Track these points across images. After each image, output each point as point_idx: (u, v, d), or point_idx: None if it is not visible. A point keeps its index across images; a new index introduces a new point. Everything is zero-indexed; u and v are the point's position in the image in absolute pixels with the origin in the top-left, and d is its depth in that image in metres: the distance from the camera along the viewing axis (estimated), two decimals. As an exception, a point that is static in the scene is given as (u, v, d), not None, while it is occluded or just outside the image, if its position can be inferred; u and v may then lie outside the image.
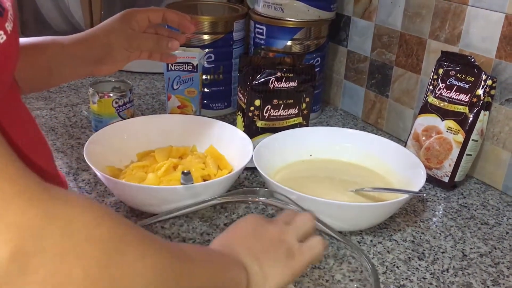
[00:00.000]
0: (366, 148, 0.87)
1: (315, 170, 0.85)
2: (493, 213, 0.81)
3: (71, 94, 1.18)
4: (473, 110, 0.83)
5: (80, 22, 1.36)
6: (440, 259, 0.69)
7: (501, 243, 0.73)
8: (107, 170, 0.77)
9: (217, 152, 0.84)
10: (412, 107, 1.00)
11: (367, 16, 1.06)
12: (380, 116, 1.09)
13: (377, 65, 1.07)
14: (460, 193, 0.86)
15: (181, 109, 1.00)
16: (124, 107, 0.94)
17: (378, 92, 1.08)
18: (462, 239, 0.74)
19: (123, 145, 0.83)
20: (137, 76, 1.31)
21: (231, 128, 0.86)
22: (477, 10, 0.85)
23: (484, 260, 0.69)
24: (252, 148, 0.79)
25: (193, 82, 0.98)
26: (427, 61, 0.95)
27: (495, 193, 0.86)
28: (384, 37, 1.03)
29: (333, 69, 1.18)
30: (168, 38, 0.75)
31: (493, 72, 0.84)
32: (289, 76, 0.84)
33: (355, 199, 0.76)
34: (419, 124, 0.89)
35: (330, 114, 1.16)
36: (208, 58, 1.05)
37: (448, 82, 0.86)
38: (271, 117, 0.86)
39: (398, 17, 0.99)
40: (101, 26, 0.74)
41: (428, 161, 0.87)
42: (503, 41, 0.81)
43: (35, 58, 0.69)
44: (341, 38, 1.14)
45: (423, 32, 0.95)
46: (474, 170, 0.90)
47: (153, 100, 1.17)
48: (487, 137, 0.87)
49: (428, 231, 0.75)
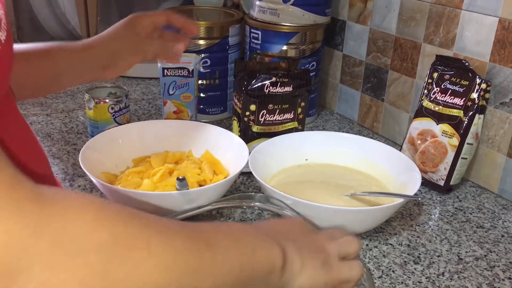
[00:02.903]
0: (361, 152, 0.87)
1: (311, 175, 0.85)
2: (489, 216, 0.81)
3: (67, 100, 1.18)
4: (468, 114, 0.83)
5: (76, 28, 1.36)
6: (435, 262, 0.69)
7: (497, 246, 0.74)
8: (102, 176, 0.77)
9: (213, 157, 0.84)
10: (408, 110, 1.01)
11: (362, 20, 1.07)
12: (376, 120, 1.09)
13: (372, 69, 1.07)
14: (455, 197, 0.86)
15: (177, 114, 1.00)
16: (120, 112, 0.94)
17: (373, 96, 1.08)
18: (458, 242, 0.74)
19: (118, 151, 0.83)
20: (133, 81, 1.32)
21: (227, 133, 0.86)
22: (471, 14, 0.85)
23: (479, 264, 0.70)
24: (248, 153, 0.79)
25: (189, 87, 0.98)
26: (422, 65, 0.95)
27: (491, 196, 0.87)
28: (379, 41, 1.04)
29: (329, 73, 1.19)
30: (173, 41, 0.77)
31: (487, 75, 0.84)
32: (284, 81, 0.85)
33: (351, 203, 0.76)
34: (414, 128, 0.89)
35: (326, 118, 1.16)
36: (204, 63, 1.06)
37: (442, 86, 0.87)
38: (266, 122, 0.86)
39: (393, 21, 0.99)
40: (107, 33, 0.75)
41: (424, 165, 0.87)
42: (496, 44, 0.82)
43: (42, 64, 0.70)
44: (336, 43, 1.15)
45: (418, 36, 0.95)
46: (470, 174, 0.90)
47: (149, 105, 1.17)
48: (482, 140, 0.87)
49: (424, 235, 0.75)
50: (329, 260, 0.51)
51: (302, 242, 0.51)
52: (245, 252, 0.44)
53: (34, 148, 0.54)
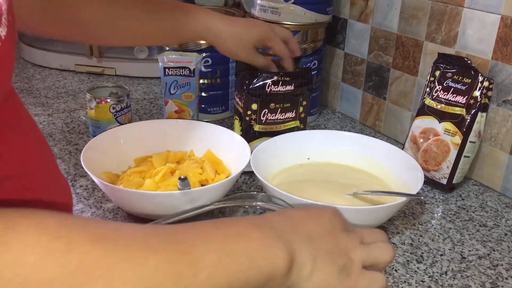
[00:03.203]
0: (363, 151, 0.87)
1: (313, 174, 0.85)
2: (492, 215, 0.81)
3: (69, 100, 1.18)
4: (470, 112, 0.83)
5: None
6: (438, 261, 0.69)
7: (500, 245, 0.73)
8: (104, 176, 0.77)
9: (214, 156, 0.84)
10: (410, 109, 1.00)
11: (364, 18, 1.06)
12: (377, 119, 1.09)
13: (374, 68, 1.07)
14: (458, 195, 0.86)
15: (179, 114, 1.00)
16: (122, 112, 0.94)
17: (375, 95, 1.08)
18: (461, 241, 0.74)
19: (120, 151, 0.83)
20: (134, 81, 1.31)
21: (229, 132, 0.86)
22: (473, 11, 0.85)
23: (482, 263, 0.69)
24: (249, 152, 0.79)
25: (190, 87, 0.98)
26: (424, 63, 0.95)
27: (494, 194, 0.86)
28: (381, 39, 1.03)
29: (330, 72, 1.18)
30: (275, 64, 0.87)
31: (490, 73, 0.84)
32: (285, 80, 0.84)
33: (353, 202, 0.76)
34: (416, 126, 0.89)
35: (328, 117, 1.16)
36: (205, 63, 1.05)
37: (445, 84, 0.86)
38: (268, 121, 0.86)
39: (395, 19, 0.99)
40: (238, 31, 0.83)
41: (426, 163, 0.87)
42: (499, 42, 0.82)
43: None
44: (338, 41, 1.14)
45: (420, 34, 0.95)
46: (472, 172, 0.90)
47: (150, 105, 1.17)
48: (485, 138, 0.87)
49: (427, 234, 0.75)
50: (349, 267, 0.45)
51: (321, 242, 0.45)
52: (237, 263, 0.39)
53: (41, 144, 0.53)
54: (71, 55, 1.36)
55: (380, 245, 0.49)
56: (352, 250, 0.46)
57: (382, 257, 0.48)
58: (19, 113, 0.48)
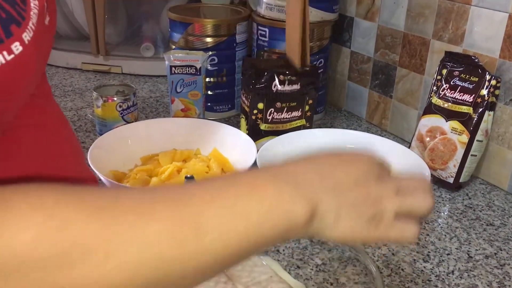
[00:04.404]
0: (370, 150, 0.86)
1: (319, 172, 0.84)
2: (499, 214, 0.80)
3: (76, 98, 1.18)
4: (478, 111, 0.82)
5: (84, 26, 1.36)
6: (445, 261, 0.69)
7: (507, 244, 0.73)
8: (111, 174, 0.77)
9: (220, 155, 0.84)
10: (416, 107, 1.00)
11: (370, 17, 1.06)
12: (384, 117, 1.08)
13: (380, 66, 1.06)
14: (465, 194, 0.86)
15: (185, 112, 1.00)
16: (128, 110, 0.94)
17: (382, 93, 1.08)
18: (468, 240, 0.74)
19: (127, 149, 0.83)
20: (141, 79, 1.32)
21: (235, 131, 0.86)
22: (480, 10, 0.84)
23: (489, 262, 0.69)
24: (255, 151, 0.79)
25: (197, 85, 0.98)
26: (431, 61, 0.95)
27: (501, 193, 0.86)
28: (387, 37, 1.03)
29: (337, 70, 1.18)
30: None
31: (497, 72, 0.83)
32: (292, 79, 0.84)
33: (359, 201, 0.76)
34: (423, 125, 0.89)
35: (334, 115, 1.16)
36: (211, 61, 1.06)
37: (452, 83, 0.86)
38: (274, 119, 0.86)
39: (401, 17, 0.99)
40: None
41: (433, 162, 0.87)
42: (506, 40, 0.81)
43: None
44: (344, 39, 1.14)
45: (427, 33, 0.94)
46: (479, 171, 0.90)
47: (157, 103, 1.17)
48: (492, 137, 0.86)
49: (433, 233, 0.75)
50: (380, 217, 0.42)
51: (348, 193, 0.42)
52: (248, 224, 0.37)
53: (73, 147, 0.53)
54: (78, 53, 1.36)
55: (420, 194, 0.45)
56: (385, 199, 0.43)
57: (419, 206, 0.44)
58: (46, 110, 0.48)
